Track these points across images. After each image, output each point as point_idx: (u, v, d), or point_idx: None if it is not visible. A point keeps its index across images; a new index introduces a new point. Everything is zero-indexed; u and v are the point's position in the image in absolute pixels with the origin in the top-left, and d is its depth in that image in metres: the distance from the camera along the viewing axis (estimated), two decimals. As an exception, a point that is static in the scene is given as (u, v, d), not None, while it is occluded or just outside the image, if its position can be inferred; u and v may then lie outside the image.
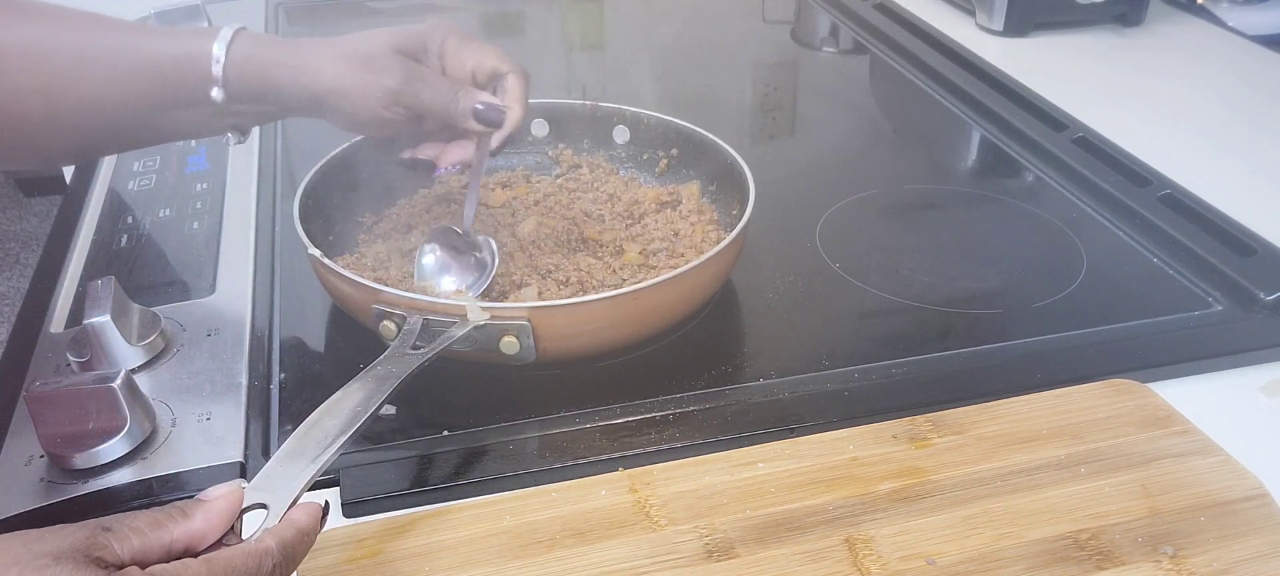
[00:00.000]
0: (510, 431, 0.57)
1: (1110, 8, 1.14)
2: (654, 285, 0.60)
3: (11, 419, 0.58)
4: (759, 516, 0.50)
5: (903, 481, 0.52)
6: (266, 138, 0.91)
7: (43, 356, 0.63)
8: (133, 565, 0.38)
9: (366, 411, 0.49)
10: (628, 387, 0.60)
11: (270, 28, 1.17)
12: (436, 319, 0.57)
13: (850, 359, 0.63)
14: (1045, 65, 1.05)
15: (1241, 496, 0.51)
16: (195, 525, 0.40)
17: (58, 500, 0.52)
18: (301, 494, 0.44)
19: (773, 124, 1.01)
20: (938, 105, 1.00)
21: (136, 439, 0.54)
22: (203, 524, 0.41)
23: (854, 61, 1.17)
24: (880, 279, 0.73)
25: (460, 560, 0.48)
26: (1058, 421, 0.56)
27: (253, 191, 0.81)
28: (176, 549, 0.40)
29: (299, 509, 0.43)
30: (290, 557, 0.41)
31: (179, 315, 0.65)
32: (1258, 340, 0.64)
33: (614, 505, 0.51)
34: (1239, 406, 0.60)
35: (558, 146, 0.83)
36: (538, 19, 1.26)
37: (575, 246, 0.71)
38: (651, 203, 0.75)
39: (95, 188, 0.83)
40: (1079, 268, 0.73)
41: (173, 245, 0.74)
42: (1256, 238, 0.73)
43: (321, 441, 0.47)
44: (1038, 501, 0.51)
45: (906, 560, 0.48)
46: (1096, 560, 0.48)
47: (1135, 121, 0.92)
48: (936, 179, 0.90)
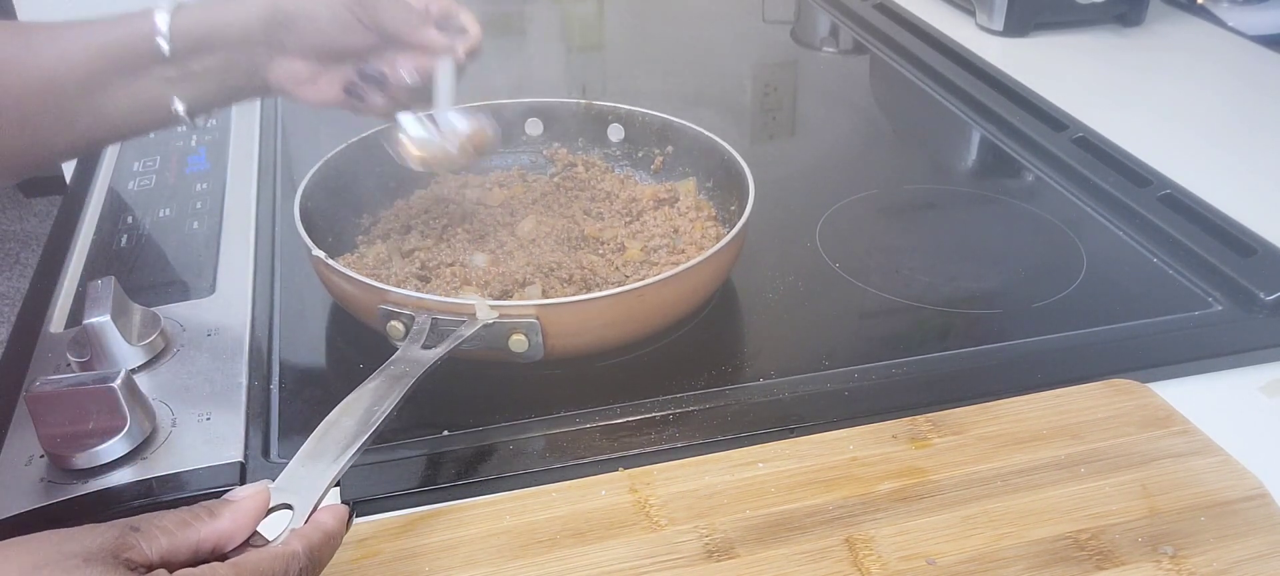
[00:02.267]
0: (510, 431, 0.57)
1: (1110, 8, 1.14)
2: (661, 281, 0.60)
3: (11, 419, 0.58)
4: (759, 516, 0.50)
5: (903, 481, 0.52)
6: (266, 137, 0.91)
7: (43, 356, 0.63)
8: (161, 566, 0.38)
9: (384, 411, 0.49)
10: (628, 387, 0.60)
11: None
12: (445, 318, 0.58)
13: (850, 359, 0.63)
14: (1045, 65, 1.05)
15: (1241, 496, 0.51)
16: (222, 525, 0.40)
17: (58, 500, 0.52)
18: (325, 494, 0.44)
19: (773, 124, 1.01)
20: (938, 105, 1.00)
21: (136, 439, 0.54)
22: (230, 524, 0.40)
23: (854, 61, 1.17)
24: (880, 279, 0.73)
25: (460, 560, 0.48)
26: (1058, 421, 0.56)
27: (253, 191, 0.81)
28: (204, 549, 0.40)
29: (325, 510, 0.43)
30: (317, 561, 0.41)
31: (179, 315, 0.65)
32: (1258, 340, 0.64)
33: (614, 505, 0.51)
34: (1239, 406, 0.60)
35: (552, 145, 0.83)
36: (538, 19, 1.26)
37: (576, 244, 0.71)
38: (649, 200, 0.75)
39: (95, 188, 0.83)
40: (1079, 268, 0.73)
41: (173, 245, 0.74)
42: (1256, 238, 0.73)
43: (341, 441, 0.47)
44: (1038, 501, 0.51)
45: (906, 560, 0.48)
46: (1096, 560, 0.48)
47: (1135, 121, 0.92)
48: (936, 179, 0.90)
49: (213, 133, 0.91)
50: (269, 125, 0.93)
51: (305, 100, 0.61)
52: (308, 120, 0.97)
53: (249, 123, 0.93)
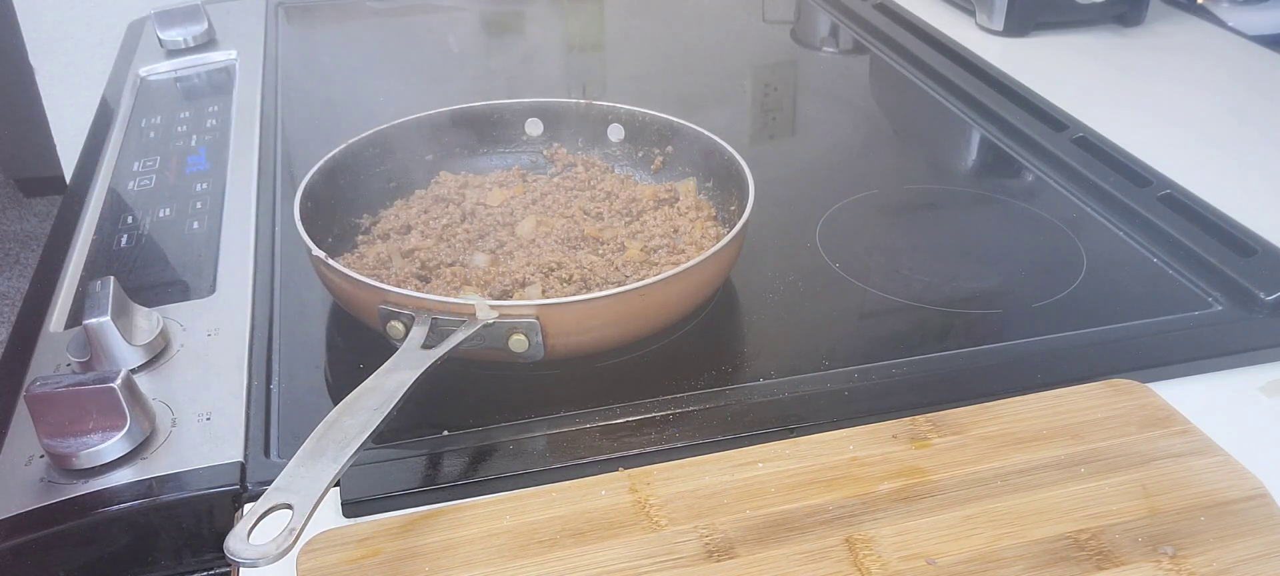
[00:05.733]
0: (510, 431, 0.57)
1: (1110, 8, 1.14)
2: (661, 281, 0.60)
3: (11, 419, 0.58)
4: (759, 516, 0.50)
5: (903, 481, 0.52)
6: (266, 137, 0.91)
7: (43, 356, 0.63)
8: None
9: (384, 411, 0.49)
10: (628, 387, 0.60)
11: (270, 27, 1.17)
12: (445, 318, 0.58)
13: (850, 359, 0.63)
14: (1045, 65, 1.05)
15: (1241, 496, 0.51)
16: None
17: (58, 500, 0.52)
18: (325, 493, 0.44)
19: (773, 124, 1.01)
20: (938, 105, 1.00)
21: (136, 439, 0.54)
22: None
23: (854, 61, 1.17)
24: (880, 279, 0.73)
25: (460, 560, 0.48)
26: (1058, 421, 0.56)
27: (253, 191, 0.81)
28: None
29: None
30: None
31: (179, 315, 0.65)
32: (1258, 340, 0.64)
33: (614, 505, 0.51)
34: (1239, 406, 0.60)
35: (552, 145, 0.83)
36: (537, 19, 1.26)
37: (576, 244, 0.71)
38: (649, 199, 0.75)
39: (95, 188, 0.83)
40: (1079, 267, 0.73)
41: (173, 245, 0.74)
42: (1256, 238, 0.73)
43: (341, 441, 0.47)
44: (1038, 501, 0.51)
45: (906, 560, 0.48)
46: (1096, 560, 0.48)
47: (1135, 121, 0.92)
48: (936, 179, 0.90)
49: (213, 133, 0.91)
50: (269, 125, 0.94)
51: None
52: (308, 120, 0.97)
53: (249, 122, 0.93)
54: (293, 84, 1.05)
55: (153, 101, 0.99)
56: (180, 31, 1.09)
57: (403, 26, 1.25)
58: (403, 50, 1.17)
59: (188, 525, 0.53)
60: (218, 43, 1.11)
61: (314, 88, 1.05)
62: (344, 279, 0.61)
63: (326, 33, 1.22)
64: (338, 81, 1.07)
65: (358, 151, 0.74)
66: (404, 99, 0.96)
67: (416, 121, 0.79)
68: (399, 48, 1.18)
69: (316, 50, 1.17)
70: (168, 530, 0.53)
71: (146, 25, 1.15)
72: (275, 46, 1.13)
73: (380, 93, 1.03)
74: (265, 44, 1.12)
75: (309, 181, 0.69)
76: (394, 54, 1.15)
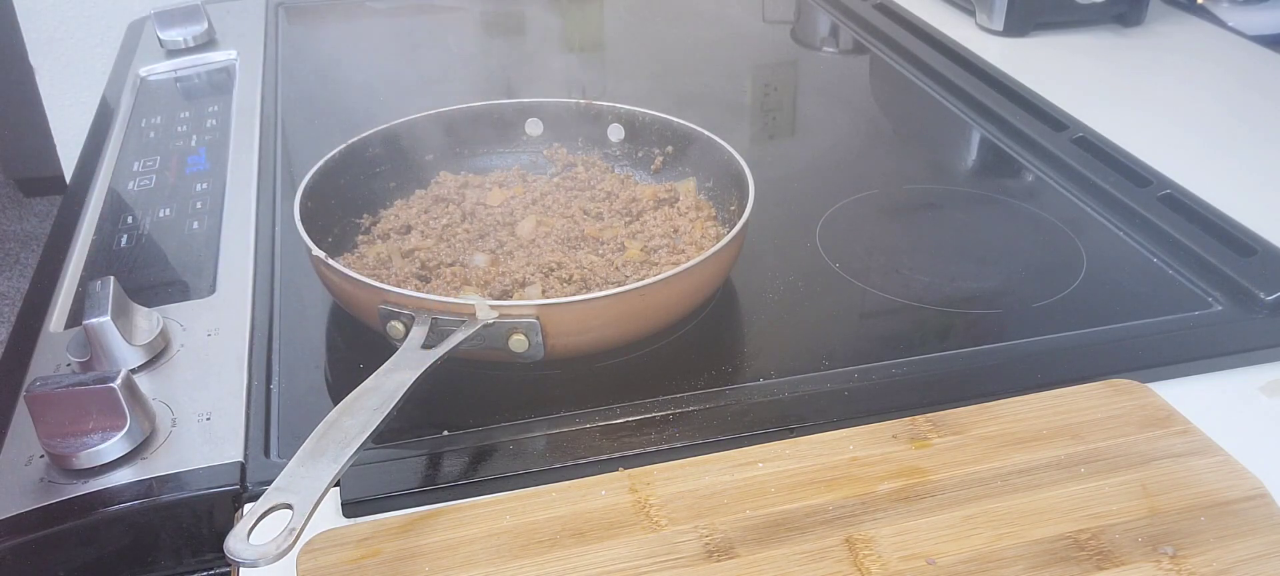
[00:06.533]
0: (510, 431, 0.57)
1: (1110, 8, 1.14)
2: (661, 281, 0.60)
3: (11, 419, 0.58)
4: (759, 516, 0.50)
5: (903, 481, 0.52)
6: (266, 137, 0.91)
7: (43, 356, 0.63)
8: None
9: (384, 411, 0.49)
10: (628, 387, 0.60)
11: (270, 27, 1.17)
12: (445, 318, 0.58)
13: (850, 359, 0.63)
14: (1045, 65, 1.05)
15: (1241, 496, 0.51)
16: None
17: (58, 500, 0.52)
18: (325, 493, 0.44)
19: (773, 124, 1.01)
20: (938, 105, 1.00)
21: (136, 439, 0.54)
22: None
23: (854, 61, 1.17)
24: (880, 279, 0.73)
25: (460, 560, 0.48)
26: (1057, 421, 0.56)
27: (253, 191, 0.81)
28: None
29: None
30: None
31: (179, 315, 0.65)
32: (1258, 340, 0.64)
33: (614, 505, 0.51)
34: (1239, 406, 0.60)
35: (552, 145, 0.83)
36: (537, 19, 1.26)
37: (576, 244, 0.71)
38: (649, 200, 0.75)
39: (95, 188, 0.83)
40: (1079, 268, 0.73)
41: (173, 245, 0.74)
42: (1256, 238, 0.73)
43: (341, 441, 0.47)
44: (1038, 501, 0.51)
45: (906, 560, 0.48)
46: (1096, 560, 0.48)
47: (1135, 121, 0.92)
48: (936, 179, 0.90)
49: (213, 133, 0.91)
50: (269, 125, 0.94)
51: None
52: (308, 120, 0.97)
53: (249, 123, 0.93)
54: (293, 84, 1.05)
55: (153, 101, 0.99)
56: (180, 31, 1.09)
57: (403, 26, 1.25)
58: (403, 50, 1.17)
59: (188, 525, 0.53)
60: (218, 43, 1.11)
61: (314, 88, 1.05)
62: (344, 279, 0.61)
63: (326, 33, 1.22)
64: (338, 81, 1.07)
65: (358, 151, 0.74)
66: (404, 99, 0.96)
67: (416, 121, 0.79)
68: (399, 48, 1.18)
69: (316, 50, 1.17)
70: (168, 530, 0.53)
71: (146, 25, 1.15)
72: (275, 46, 1.13)
73: (380, 93, 1.03)
74: (265, 44, 1.12)
75: (309, 181, 0.69)
76: (394, 54, 1.15)
